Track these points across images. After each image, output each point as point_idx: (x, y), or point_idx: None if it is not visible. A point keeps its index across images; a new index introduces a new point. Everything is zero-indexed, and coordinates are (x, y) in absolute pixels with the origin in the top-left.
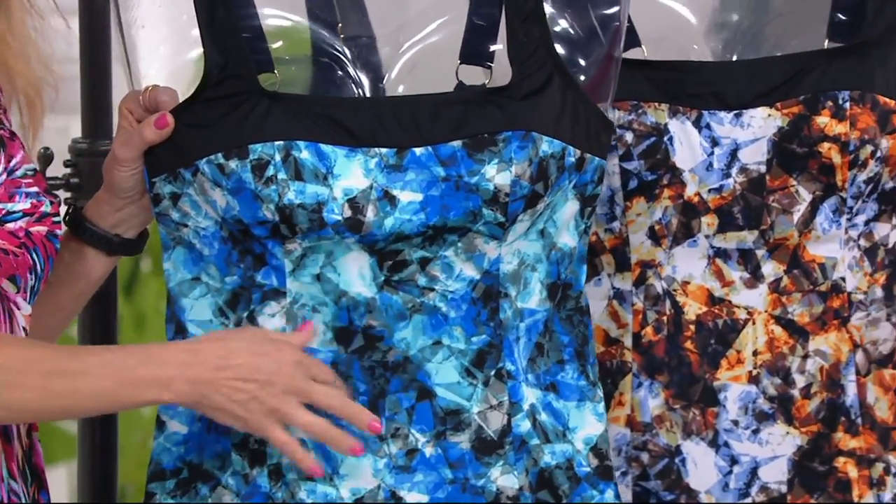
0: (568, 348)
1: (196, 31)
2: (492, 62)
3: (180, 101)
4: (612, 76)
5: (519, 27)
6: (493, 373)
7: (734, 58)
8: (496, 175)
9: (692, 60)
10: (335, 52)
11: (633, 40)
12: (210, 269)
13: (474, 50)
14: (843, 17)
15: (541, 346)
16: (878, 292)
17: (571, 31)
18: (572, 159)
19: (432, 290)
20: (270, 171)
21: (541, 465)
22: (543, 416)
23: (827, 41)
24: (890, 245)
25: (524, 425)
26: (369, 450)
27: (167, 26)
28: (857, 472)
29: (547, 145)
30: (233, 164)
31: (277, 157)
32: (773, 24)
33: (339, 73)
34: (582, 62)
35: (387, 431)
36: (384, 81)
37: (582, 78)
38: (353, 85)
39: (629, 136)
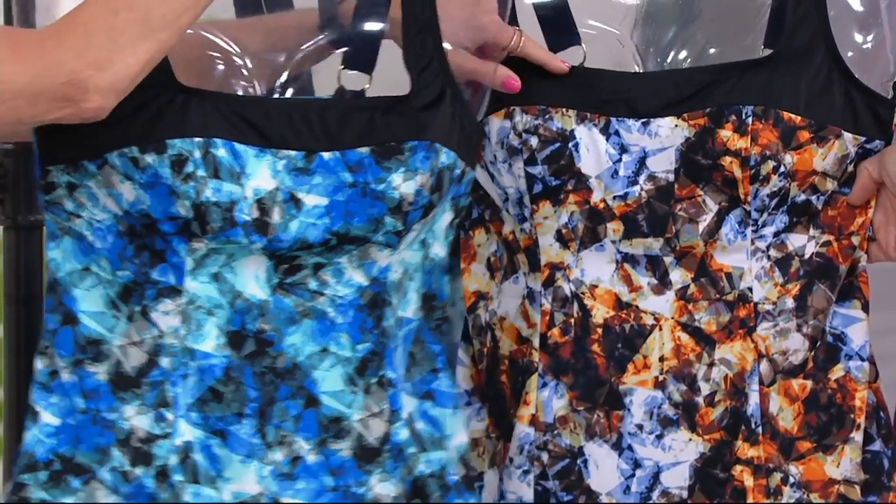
0: (440, 357)
1: None
2: (372, 69)
3: None
4: (487, 88)
5: (415, 37)
6: (374, 381)
7: (667, 62)
8: (402, 184)
9: (608, 69)
10: (229, 49)
11: (572, 39)
12: (101, 261)
13: (357, 56)
14: (778, 29)
15: (413, 355)
16: (789, 303)
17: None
18: (458, 171)
19: (322, 294)
20: (190, 168)
21: (415, 474)
22: (420, 425)
23: (762, 49)
24: (806, 256)
25: (403, 433)
26: (255, 457)
27: None
28: (754, 480)
29: (445, 157)
30: (149, 158)
31: (197, 154)
32: (711, 30)
33: (241, 71)
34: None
35: (273, 439)
36: (276, 83)
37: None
38: (251, 85)
39: (534, 141)
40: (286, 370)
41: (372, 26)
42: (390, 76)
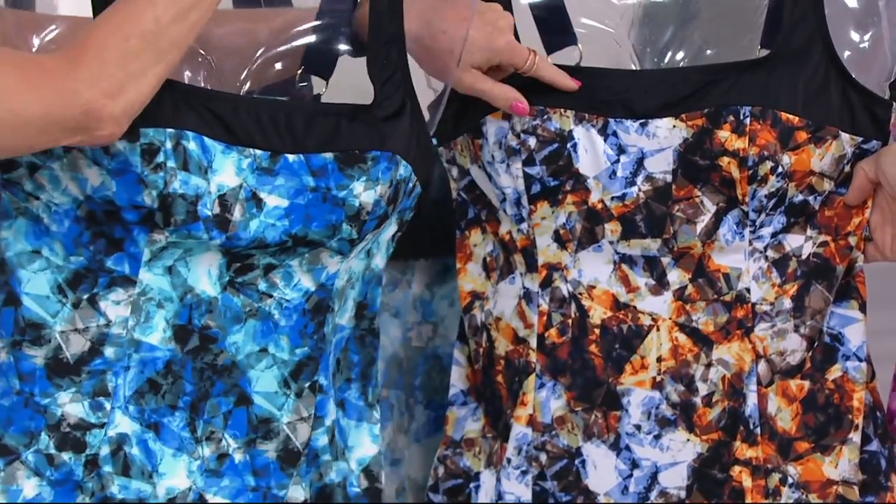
0: (356, 367)
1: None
2: (330, 75)
3: None
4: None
5: (381, 48)
6: (307, 385)
7: (664, 62)
8: (363, 192)
9: (604, 68)
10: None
11: (568, 39)
12: (54, 245)
13: (317, 60)
14: (775, 29)
15: (339, 362)
16: (787, 303)
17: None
18: (411, 185)
19: (270, 296)
20: (160, 158)
21: (325, 481)
22: (335, 434)
23: (759, 49)
24: (803, 256)
25: (322, 440)
26: (185, 451)
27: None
28: (752, 481)
29: (403, 169)
30: (120, 145)
31: (168, 145)
32: (708, 29)
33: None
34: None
35: (202, 433)
36: (239, 80)
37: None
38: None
39: (532, 142)
40: (224, 367)
41: (334, 33)
42: (352, 84)
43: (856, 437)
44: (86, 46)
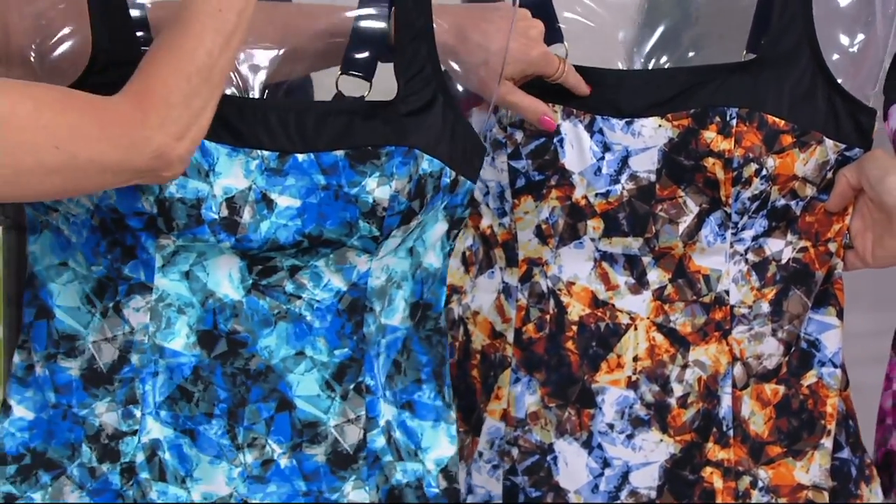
0: (426, 368)
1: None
2: (372, 75)
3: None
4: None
5: (408, 44)
6: (352, 387)
7: (652, 64)
8: (376, 188)
9: (593, 67)
10: None
11: (555, 36)
12: (77, 256)
13: (356, 61)
14: (762, 33)
15: (398, 363)
16: (765, 307)
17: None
18: (447, 180)
19: (299, 297)
20: None
21: (392, 483)
22: (398, 434)
23: (745, 52)
24: (783, 261)
25: (379, 441)
26: (225, 458)
27: None
28: (723, 483)
29: (427, 164)
30: None
31: None
32: (695, 33)
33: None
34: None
35: (244, 440)
36: (263, 84)
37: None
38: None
39: (519, 135)
40: (259, 372)
41: (371, 32)
42: (383, 82)
43: (828, 442)
44: (152, 91)
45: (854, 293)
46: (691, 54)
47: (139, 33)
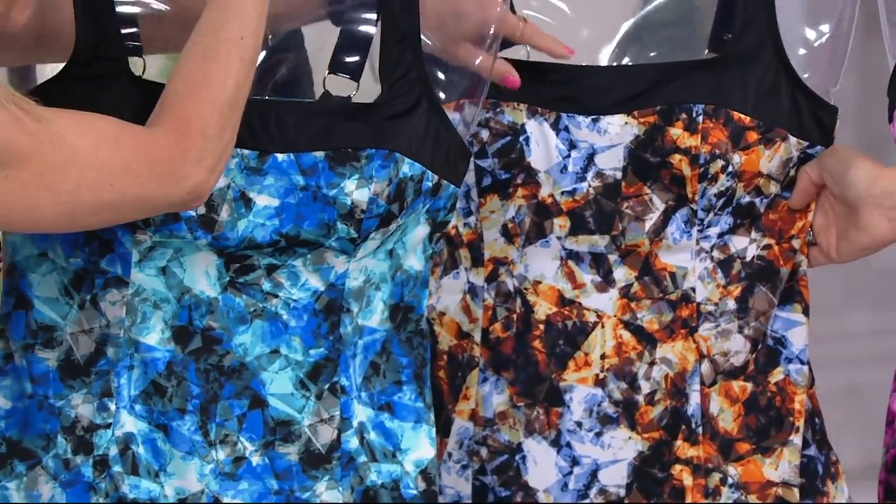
0: (406, 370)
1: None
2: (359, 76)
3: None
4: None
5: (393, 47)
6: (326, 386)
7: (615, 61)
8: (355, 190)
9: (557, 63)
10: None
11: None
12: (56, 247)
13: (343, 62)
14: (724, 30)
15: (376, 365)
16: (731, 304)
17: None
18: (430, 184)
19: (276, 296)
20: None
21: (367, 484)
22: (372, 436)
23: (707, 51)
24: (747, 258)
25: (353, 442)
26: (197, 454)
27: None
28: (693, 480)
29: (408, 167)
30: None
31: None
32: (659, 33)
33: None
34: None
35: (216, 437)
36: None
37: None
38: None
39: (485, 134)
40: (232, 369)
41: (359, 34)
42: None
43: (796, 439)
44: (191, 125)
45: (854, 293)
46: (653, 53)
47: (125, 31)
